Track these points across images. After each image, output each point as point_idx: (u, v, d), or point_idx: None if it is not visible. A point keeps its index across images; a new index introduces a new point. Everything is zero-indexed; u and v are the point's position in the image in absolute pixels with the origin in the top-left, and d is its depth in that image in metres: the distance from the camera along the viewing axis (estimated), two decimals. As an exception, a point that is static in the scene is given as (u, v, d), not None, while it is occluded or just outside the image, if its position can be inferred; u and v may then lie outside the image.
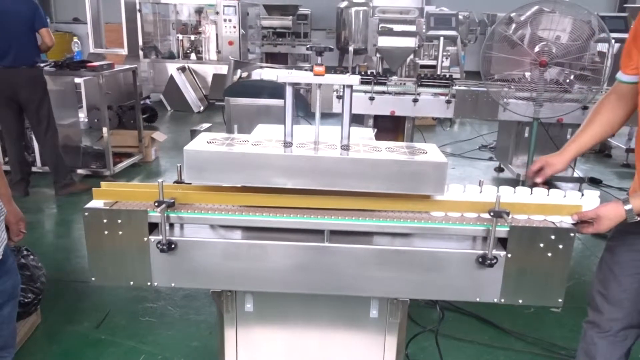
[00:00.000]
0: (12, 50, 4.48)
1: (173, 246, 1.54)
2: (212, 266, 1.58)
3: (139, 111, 6.13)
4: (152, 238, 1.55)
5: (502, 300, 1.58)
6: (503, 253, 1.54)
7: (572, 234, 1.53)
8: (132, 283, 1.60)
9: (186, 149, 1.55)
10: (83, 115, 7.17)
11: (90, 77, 5.79)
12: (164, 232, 1.52)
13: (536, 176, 1.93)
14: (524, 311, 3.16)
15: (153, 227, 1.57)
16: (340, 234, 1.57)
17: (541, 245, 1.53)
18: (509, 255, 1.54)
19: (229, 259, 1.57)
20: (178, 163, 1.70)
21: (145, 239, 1.55)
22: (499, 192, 1.58)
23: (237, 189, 1.63)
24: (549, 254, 1.53)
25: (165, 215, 1.53)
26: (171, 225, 1.61)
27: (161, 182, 1.53)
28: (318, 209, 1.60)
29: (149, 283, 1.59)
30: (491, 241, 1.51)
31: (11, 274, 1.86)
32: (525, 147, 4.49)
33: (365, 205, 1.60)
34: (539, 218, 1.60)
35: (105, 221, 1.54)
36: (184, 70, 9.36)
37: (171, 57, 9.90)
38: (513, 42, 3.72)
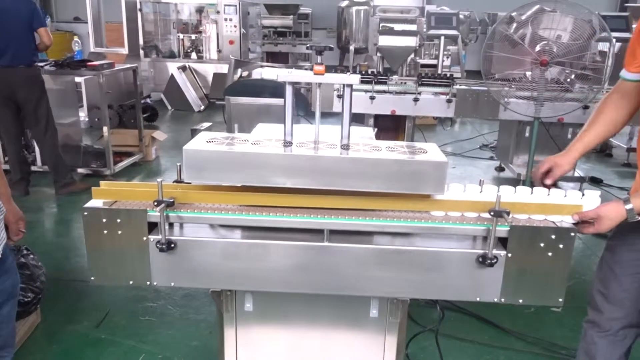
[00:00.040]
0: (10, 50, 4.46)
1: (172, 246, 1.54)
2: (211, 266, 1.57)
3: (139, 110, 6.13)
4: (152, 237, 1.55)
5: (502, 300, 1.58)
6: (503, 253, 1.53)
7: (572, 234, 1.53)
8: (131, 283, 1.60)
9: (185, 148, 1.55)
10: (83, 115, 7.17)
11: (91, 76, 5.79)
12: (163, 231, 1.52)
13: (544, 178, 1.91)
14: (524, 311, 3.15)
15: (152, 227, 1.56)
16: (340, 234, 1.57)
17: (542, 244, 1.52)
18: (509, 254, 1.53)
19: (228, 258, 1.56)
20: (178, 162, 1.70)
21: (145, 238, 1.55)
22: (499, 191, 1.57)
23: (236, 188, 1.63)
24: (549, 254, 1.53)
25: (164, 215, 1.52)
26: (171, 225, 1.61)
27: (160, 182, 1.53)
28: (318, 208, 1.59)
29: (148, 282, 1.59)
30: (491, 241, 1.51)
31: (10, 273, 1.86)
32: (526, 147, 4.48)
33: (365, 204, 1.59)
34: (540, 218, 1.59)
35: (105, 221, 1.54)
36: (184, 70, 9.36)
37: (172, 56, 9.90)
38: (514, 41, 3.71)
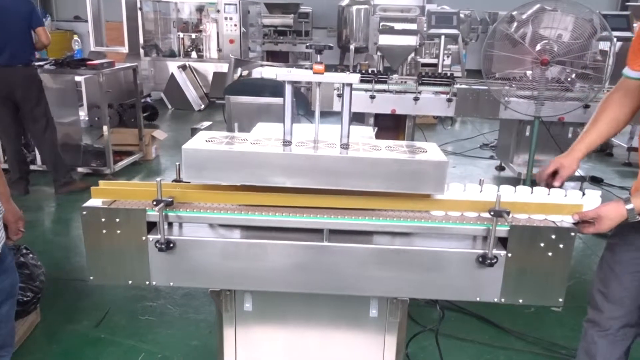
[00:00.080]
0: (8, 48, 4.45)
1: (171, 245, 1.54)
2: (210, 265, 1.57)
3: (139, 109, 6.12)
4: (151, 237, 1.54)
5: (502, 300, 1.57)
6: (503, 252, 1.53)
7: (572, 234, 1.52)
8: (130, 282, 1.59)
9: (184, 147, 1.54)
10: (84, 114, 7.17)
11: (91, 75, 5.79)
12: (162, 231, 1.52)
13: (550, 179, 1.89)
14: (524, 310, 3.15)
15: (151, 226, 1.56)
16: (339, 233, 1.56)
17: (542, 244, 1.52)
18: (509, 254, 1.53)
19: (227, 258, 1.56)
20: (178, 162, 1.69)
21: (144, 238, 1.54)
22: (499, 191, 1.57)
23: (236, 187, 1.63)
24: (549, 254, 1.52)
25: (163, 214, 1.52)
26: (170, 225, 1.60)
27: (159, 181, 1.53)
28: (317, 208, 1.59)
29: (147, 282, 1.58)
30: (491, 240, 1.50)
31: (9, 273, 1.86)
32: (527, 146, 4.47)
33: (364, 204, 1.59)
34: (540, 217, 1.59)
35: (104, 220, 1.54)
36: (184, 69, 9.35)
37: (172, 55, 9.89)
38: (514, 40, 3.70)
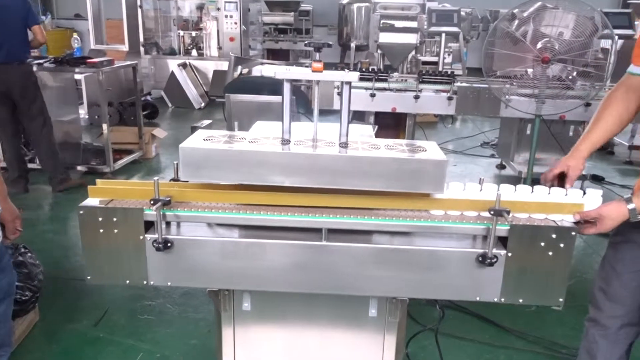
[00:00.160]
0: (5, 46, 4.43)
1: (169, 245, 1.53)
2: (209, 265, 1.56)
3: (139, 108, 6.11)
4: (148, 236, 1.53)
5: (502, 299, 1.56)
6: (503, 252, 1.52)
7: (573, 233, 1.51)
8: (127, 282, 1.58)
9: (182, 146, 1.54)
10: (84, 112, 7.16)
11: (90, 73, 5.77)
12: (159, 230, 1.51)
13: (555, 180, 1.86)
14: (524, 310, 3.13)
15: (149, 226, 1.55)
16: (338, 233, 1.55)
17: (542, 244, 1.50)
18: (510, 254, 1.52)
19: (226, 257, 1.55)
20: (178, 160, 1.68)
21: (141, 237, 1.53)
22: (499, 190, 1.55)
23: (234, 187, 1.61)
24: (549, 253, 1.51)
25: (161, 214, 1.51)
26: (167, 224, 1.59)
27: (157, 180, 1.52)
28: (316, 207, 1.58)
29: (144, 282, 1.57)
30: (491, 240, 1.49)
31: (6, 272, 1.85)
32: (527, 144, 4.46)
33: (363, 203, 1.57)
34: (540, 217, 1.58)
35: (101, 219, 1.53)
36: (185, 67, 9.33)
37: (172, 53, 9.87)
38: (515, 38, 3.68)
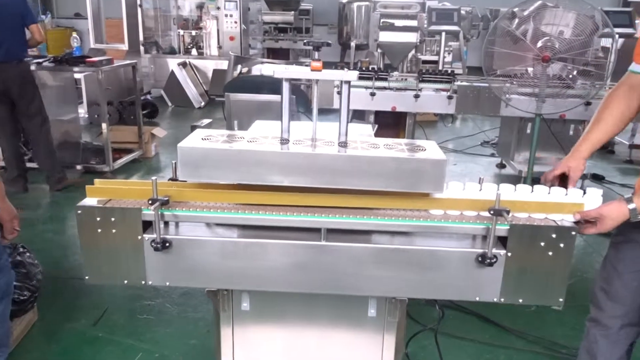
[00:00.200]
0: (5, 44, 4.42)
1: (167, 245, 1.52)
2: (207, 265, 1.55)
3: (139, 107, 6.10)
4: (146, 236, 1.52)
5: (502, 299, 1.55)
6: (503, 252, 1.51)
7: (573, 233, 1.50)
8: (126, 282, 1.58)
9: (180, 145, 1.53)
10: (83, 111, 7.15)
11: (90, 72, 5.77)
12: (158, 230, 1.50)
13: (556, 181, 1.86)
14: (525, 310, 3.13)
15: (147, 225, 1.54)
16: (337, 233, 1.54)
17: (542, 244, 1.50)
18: (509, 254, 1.51)
19: (224, 257, 1.54)
20: (176, 160, 1.67)
21: (139, 237, 1.52)
22: (499, 189, 1.55)
23: (232, 186, 1.61)
24: (549, 253, 1.50)
25: (159, 213, 1.50)
26: (166, 224, 1.59)
27: (155, 180, 1.51)
28: (315, 207, 1.57)
29: (143, 282, 1.57)
30: (491, 240, 1.48)
31: (4, 272, 1.84)
32: (528, 143, 4.45)
33: (363, 203, 1.57)
34: (540, 216, 1.57)
35: (99, 219, 1.52)
36: (184, 66, 9.33)
37: (172, 52, 9.87)
38: (516, 37, 3.68)
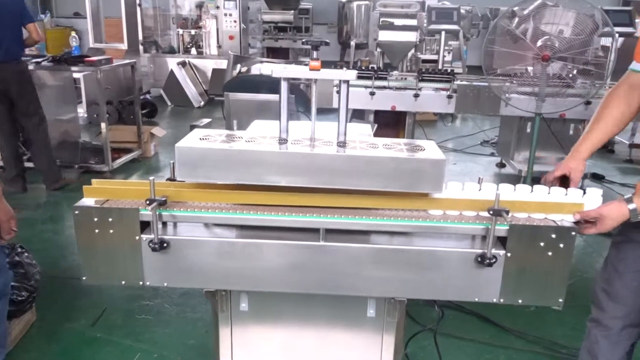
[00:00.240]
0: (4, 43, 4.41)
1: (165, 245, 1.51)
2: (205, 265, 1.54)
3: (138, 106, 6.09)
4: (144, 237, 1.52)
5: (501, 300, 1.55)
6: (502, 252, 1.50)
7: (573, 233, 1.50)
8: (123, 282, 1.57)
9: (178, 145, 1.53)
10: (82, 111, 7.13)
11: (89, 72, 5.76)
12: (155, 230, 1.49)
13: (556, 182, 1.85)
14: (524, 310, 3.12)
15: (145, 226, 1.53)
16: (336, 233, 1.54)
17: (541, 244, 1.49)
18: (509, 254, 1.50)
19: (222, 258, 1.54)
20: (173, 160, 1.66)
21: (137, 237, 1.52)
22: (498, 189, 1.54)
23: (230, 186, 1.60)
24: (549, 253, 1.50)
25: (157, 214, 1.49)
26: (164, 224, 1.58)
27: (152, 180, 1.50)
28: (313, 207, 1.56)
29: (140, 283, 1.56)
30: (490, 240, 1.48)
31: (2, 272, 1.84)
32: (527, 143, 4.44)
33: (361, 203, 1.56)
34: (540, 216, 1.56)
35: (96, 220, 1.51)
36: (184, 65, 9.31)
37: (171, 51, 9.85)
38: (515, 36, 3.67)
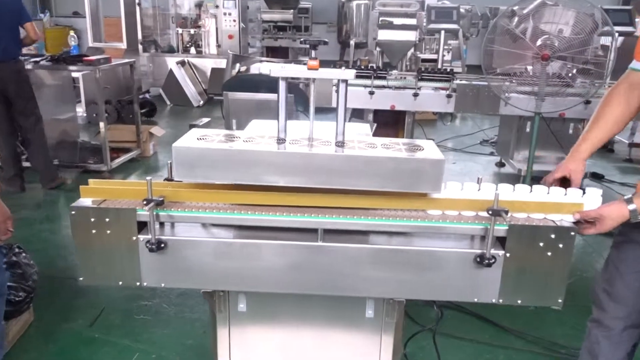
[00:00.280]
0: (2, 43, 4.39)
1: (163, 245, 1.50)
2: (203, 266, 1.53)
3: (137, 105, 6.08)
4: (141, 237, 1.51)
5: (500, 300, 1.54)
6: (502, 252, 1.49)
7: (572, 233, 1.49)
8: (120, 283, 1.56)
9: (175, 145, 1.52)
10: (81, 110, 7.12)
11: (87, 71, 5.75)
12: (153, 231, 1.48)
13: (557, 184, 1.83)
14: (524, 310, 3.11)
15: (142, 226, 1.53)
16: (334, 233, 1.53)
17: (541, 244, 1.48)
18: (508, 254, 1.49)
19: (220, 258, 1.53)
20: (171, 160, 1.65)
21: (134, 238, 1.51)
22: (497, 189, 1.53)
23: (228, 186, 1.59)
24: (548, 254, 1.49)
25: (154, 214, 1.48)
26: (161, 224, 1.57)
27: (149, 180, 1.49)
28: (312, 207, 1.55)
29: (138, 283, 1.55)
30: (489, 240, 1.47)
31: (-1, 273, 1.83)
32: (527, 142, 4.43)
33: (360, 203, 1.55)
34: (539, 216, 1.55)
35: (93, 220, 1.50)
36: (183, 65, 9.30)
37: (171, 51, 9.84)
38: (515, 35, 3.66)
